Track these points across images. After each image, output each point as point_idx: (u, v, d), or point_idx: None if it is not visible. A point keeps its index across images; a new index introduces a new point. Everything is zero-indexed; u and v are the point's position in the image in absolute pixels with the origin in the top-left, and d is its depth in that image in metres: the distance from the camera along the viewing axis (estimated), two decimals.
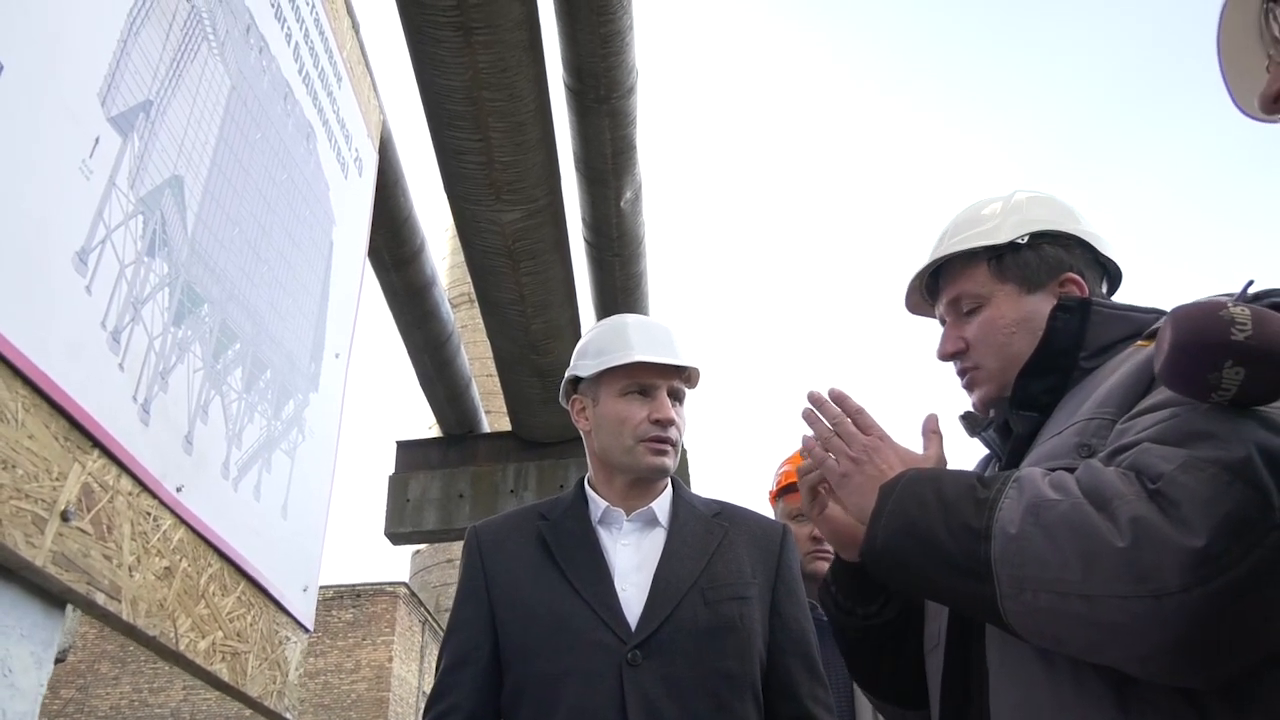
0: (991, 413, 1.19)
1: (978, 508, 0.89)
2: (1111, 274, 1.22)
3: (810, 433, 1.14)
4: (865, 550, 1.00)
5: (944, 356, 1.24)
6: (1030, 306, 1.15)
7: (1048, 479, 0.87)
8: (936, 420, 1.15)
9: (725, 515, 1.56)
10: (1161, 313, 1.06)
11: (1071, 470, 0.88)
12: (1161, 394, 0.89)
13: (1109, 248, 1.21)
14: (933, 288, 1.28)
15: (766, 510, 2.31)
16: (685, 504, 1.56)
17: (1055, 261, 1.17)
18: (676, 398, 1.55)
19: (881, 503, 0.99)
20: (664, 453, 1.50)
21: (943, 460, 1.10)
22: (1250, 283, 0.89)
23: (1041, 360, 1.10)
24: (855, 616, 1.19)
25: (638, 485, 1.53)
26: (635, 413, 1.51)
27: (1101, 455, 0.89)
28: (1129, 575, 0.76)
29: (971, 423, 1.24)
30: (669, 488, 1.58)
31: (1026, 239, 1.17)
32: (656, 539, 1.50)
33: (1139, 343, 1.03)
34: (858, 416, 1.11)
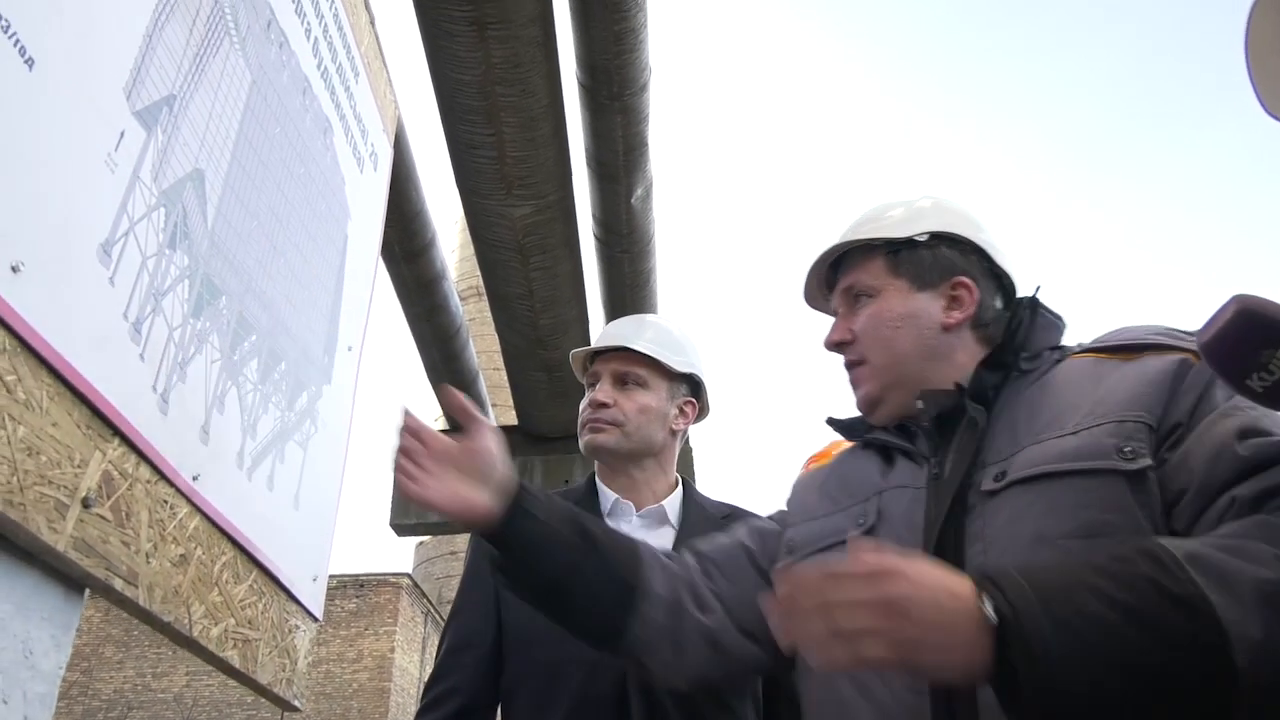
0: (920, 404, 1.12)
1: (1177, 610, 0.75)
2: (1006, 287, 1.21)
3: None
4: (1033, 695, 0.75)
5: (830, 345, 1.23)
6: (918, 305, 1.15)
7: (1226, 550, 0.79)
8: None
9: (735, 518, 1.58)
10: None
11: (1118, 472, 0.90)
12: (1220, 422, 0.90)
13: (1007, 260, 1.21)
14: (831, 281, 1.28)
15: None
16: (695, 505, 1.58)
17: (949, 264, 1.17)
18: (626, 381, 1.55)
19: (1016, 637, 0.75)
20: (598, 430, 1.53)
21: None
22: None
23: (1004, 354, 1.10)
24: None
25: (613, 472, 1.57)
26: (584, 403, 1.57)
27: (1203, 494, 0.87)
28: None
29: (854, 426, 1.21)
30: (679, 487, 1.60)
31: (926, 237, 1.18)
32: (665, 537, 1.52)
33: (1091, 354, 1.05)
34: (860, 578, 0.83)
